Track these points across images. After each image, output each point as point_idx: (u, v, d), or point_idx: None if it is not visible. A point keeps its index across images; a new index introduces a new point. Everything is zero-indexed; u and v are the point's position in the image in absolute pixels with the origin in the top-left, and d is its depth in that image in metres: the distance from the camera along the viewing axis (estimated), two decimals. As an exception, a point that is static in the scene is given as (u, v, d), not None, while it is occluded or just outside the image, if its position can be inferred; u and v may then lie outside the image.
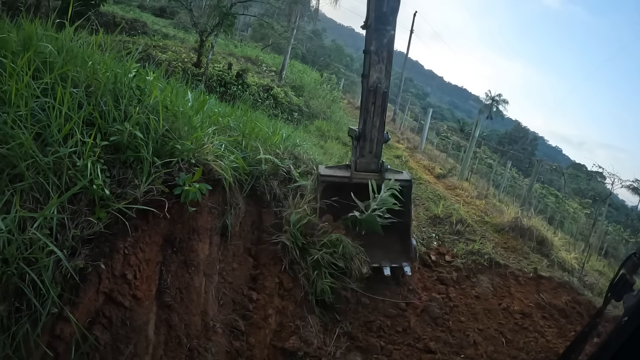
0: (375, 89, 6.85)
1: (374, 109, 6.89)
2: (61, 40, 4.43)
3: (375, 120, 6.95)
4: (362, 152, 7.07)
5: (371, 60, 6.91)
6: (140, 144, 4.09)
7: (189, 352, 4.34)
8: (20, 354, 2.74)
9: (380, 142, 7.10)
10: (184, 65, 21.21)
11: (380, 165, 7.10)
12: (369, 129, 6.98)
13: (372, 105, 6.88)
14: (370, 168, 7.09)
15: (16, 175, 3.17)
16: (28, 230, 2.96)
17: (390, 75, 7.04)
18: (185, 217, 4.50)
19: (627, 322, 1.72)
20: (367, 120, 6.95)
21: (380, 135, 7.06)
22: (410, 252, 7.43)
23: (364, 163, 7.06)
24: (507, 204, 15.14)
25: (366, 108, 6.93)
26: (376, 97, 6.86)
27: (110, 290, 3.53)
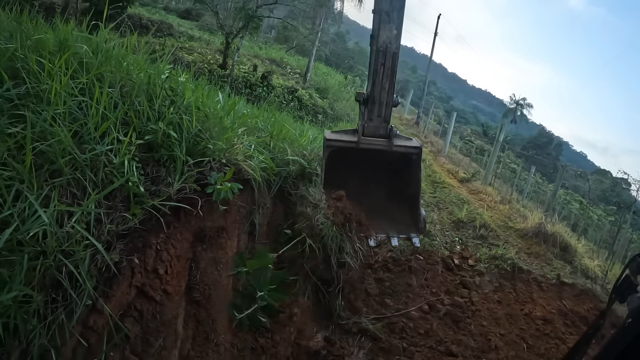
0: (385, 50, 6.41)
1: (383, 70, 6.43)
2: (96, 41, 4.55)
3: (385, 83, 6.49)
4: (370, 116, 6.63)
5: (381, 19, 6.45)
6: (174, 143, 4.20)
7: (215, 347, 4.43)
8: (55, 343, 2.82)
9: (389, 105, 6.65)
10: (210, 66, 21.41)
11: (389, 130, 6.61)
12: (377, 92, 6.53)
13: (381, 66, 6.43)
14: (378, 133, 6.62)
15: (55, 171, 3.28)
16: (67, 223, 3.06)
17: (400, 36, 6.57)
18: (215, 215, 4.59)
19: (630, 323, 1.75)
20: (376, 83, 6.50)
21: (389, 99, 6.60)
22: (419, 223, 6.89)
23: (372, 127, 6.62)
24: (531, 209, 15.04)
25: (375, 70, 6.49)
26: (385, 58, 6.40)
27: (142, 284, 3.62)
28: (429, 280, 7.91)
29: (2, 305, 2.52)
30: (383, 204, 6.82)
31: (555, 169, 34.44)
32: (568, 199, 30.47)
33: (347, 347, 5.81)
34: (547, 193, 22.07)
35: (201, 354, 4.28)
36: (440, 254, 8.93)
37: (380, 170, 7.03)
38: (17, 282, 2.60)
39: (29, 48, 3.94)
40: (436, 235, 9.93)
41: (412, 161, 6.72)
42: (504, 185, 20.52)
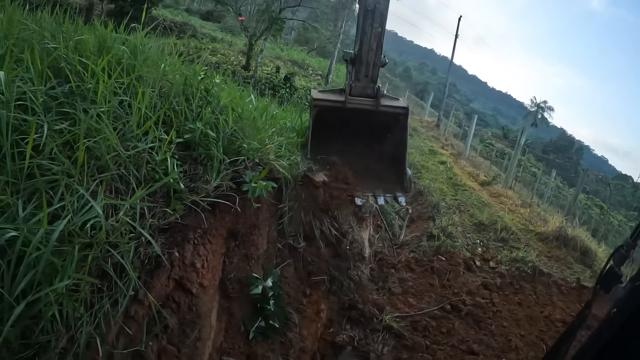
0: (373, 9, 6.18)
1: (372, 30, 6.25)
2: (133, 43, 4.71)
3: (373, 43, 6.30)
4: (357, 76, 6.45)
5: None
6: (211, 142, 4.34)
7: (246, 340, 4.57)
8: (100, 331, 2.94)
9: (377, 65, 6.48)
10: (234, 67, 21.62)
11: (376, 90, 6.46)
12: (365, 52, 6.35)
13: (369, 26, 6.24)
14: (365, 92, 6.48)
15: (100, 166, 3.43)
16: (114, 216, 3.20)
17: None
18: (248, 212, 4.72)
19: (616, 313, 1.79)
20: (363, 42, 6.31)
21: (377, 59, 6.43)
22: (405, 182, 6.79)
23: (360, 87, 6.46)
24: (551, 213, 15.03)
25: (363, 29, 6.28)
26: (374, 17, 6.19)
27: (180, 277, 3.75)
28: (451, 281, 7.99)
29: (56, 294, 2.65)
30: (369, 163, 6.83)
31: (576, 173, 34.17)
32: (589, 203, 30.28)
33: (371, 343, 5.91)
34: (567, 197, 22.01)
35: (233, 346, 4.42)
36: (462, 255, 9.01)
37: (367, 130, 6.97)
38: (69, 272, 2.73)
39: (71, 48, 4.11)
40: (458, 237, 10.01)
41: (399, 121, 6.74)
42: (524, 188, 20.47)
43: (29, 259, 2.56)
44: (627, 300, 1.84)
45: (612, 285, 2.12)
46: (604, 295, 2.26)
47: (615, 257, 2.23)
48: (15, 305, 2.46)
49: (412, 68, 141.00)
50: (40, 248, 2.60)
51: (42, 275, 2.61)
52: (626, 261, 2.26)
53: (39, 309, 2.60)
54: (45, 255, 2.57)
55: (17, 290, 2.49)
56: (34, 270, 2.57)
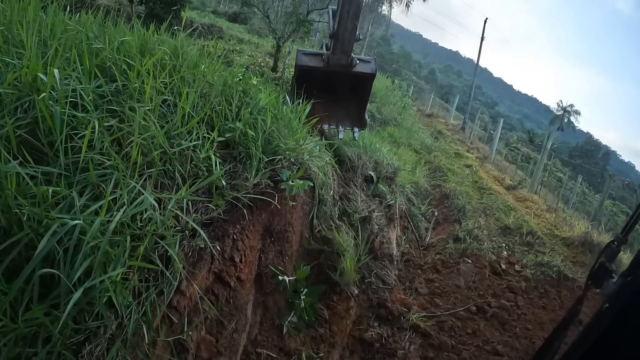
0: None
1: (348, 15, 7.34)
2: (173, 44, 4.88)
3: (349, 25, 7.45)
4: (334, 50, 7.74)
5: None
6: (250, 141, 4.49)
7: (279, 333, 4.70)
8: (147, 319, 3.07)
9: (351, 42, 7.70)
10: (261, 69, 21.76)
11: (350, 61, 7.81)
12: (342, 31, 7.53)
13: (346, 12, 7.33)
14: (340, 63, 7.84)
15: (147, 162, 3.58)
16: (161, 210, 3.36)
17: None
18: (284, 210, 4.87)
19: (607, 308, 1.82)
20: (340, 25, 7.45)
21: (352, 37, 7.62)
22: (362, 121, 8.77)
23: (336, 59, 7.79)
24: (577, 219, 14.91)
25: (340, 14, 7.39)
26: (351, 5, 7.27)
27: (219, 270, 3.89)
28: (476, 283, 8.03)
29: (110, 281, 2.80)
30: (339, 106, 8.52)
31: (602, 179, 33.77)
32: (615, 210, 29.89)
33: (399, 341, 6.02)
34: (593, 203, 21.76)
35: (267, 339, 4.56)
36: (487, 258, 9.01)
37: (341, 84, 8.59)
38: (122, 261, 2.88)
39: (115, 49, 4.29)
40: (483, 240, 10.01)
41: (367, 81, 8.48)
42: (550, 193, 20.30)
43: (86, 248, 2.68)
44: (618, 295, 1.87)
45: (604, 281, 2.13)
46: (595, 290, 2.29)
47: (606, 253, 2.26)
48: (74, 291, 2.58)
49: (437, 70, 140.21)
50: (98, 237, 2.74)
51: (97, 263, 2.74)
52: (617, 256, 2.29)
53: (93, 295, 2.72)
54: (102, 244, 2.71)
55: (75, 277, 2.60)
56: (90, 259, 2.70)
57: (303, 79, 7.86)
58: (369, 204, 7.27)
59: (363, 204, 7.03)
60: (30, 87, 3.28)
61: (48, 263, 2.64)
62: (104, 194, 2.99)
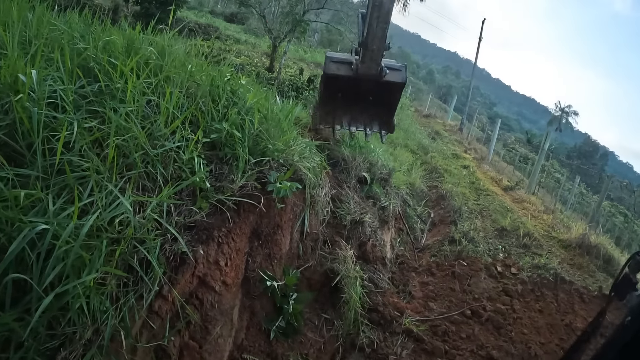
0: (380, 5, 7.07)
1: (377, 23, 7.19)
2: (161, 44, 4.79)
3: (378, 32, 7.27)
4: (363, 59, 7.53)
5: None
6: (237, 142, 4.40)
7: (267, 338, 4.61)
8: (125, 325, 2.99)
9: (381, 51, 7.50)
10: (257, 69, 21.71)
11: (380, 70, 7.62)
12: (371, 40, 7.34)
13: (375, 19, 7.17)
14: (370, 72, 7.66)
15: (128, 164, 3.49)
16: (141, 213, 3.27)
17: None
18: (272, 212, 4.78)
19: (630, 321, 1.75)
20: (370, 33, 7.28)
21: (381, 45, 7.43)
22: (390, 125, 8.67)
23: (365, 68, 7.58)
24: (574, 220, 14.86)
25: (369, 22, 7.23)
26: (380, 12, 7.11)
27: (204, 274, 3.80)
28: (471, 286, 7.95)
29: (84, 286, 2.71)
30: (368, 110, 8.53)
31: (600, 180, 33.67)
32: (612, 211, 29.83)
33: (391, 346, 5.92)
34: (591, 204, 21.71)
35: (254, 344, 4.47)
36: (483, 260, 8.94)
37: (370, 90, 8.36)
38: (96, 265, 2.78)
39: (100, 49, 4.19)
40: (480, 242, 9.95)
41: (396, 89, 8.18)
42: (548, 194, 20.25)
43: (58, 252, 2.60)
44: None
45: (627, 293, 2.11)
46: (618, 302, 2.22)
47: (630, 265, 2.19)
48: (44, 296, 2.51)
49: (435, 71, 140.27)
50: (70, 242, 2.65)
51: (70, 268, 2.66)
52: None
53: (67, 301, 2.65)
54: (74, 248, 2.62)
55: (46, 282, 2.53)
56: (62, 263, 2.62)
57: (331, 85, 8.02)
58: (362, 206, 7.18)
59: (356, 206, 6.94)
60: (10, 88, 3.19)
61: (23, 267, 2.58)
62: (84, 196, 2.91)
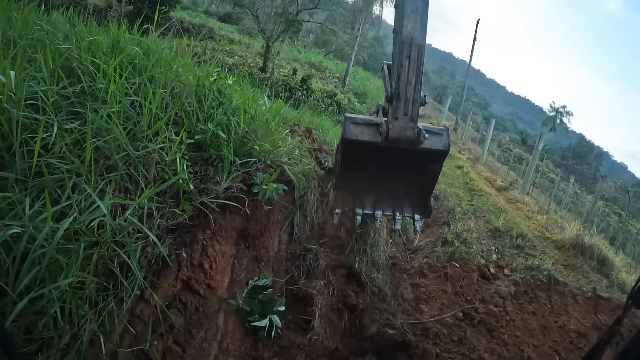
0: (410, 41, 5.62)
1: (409, 63, 5.59)
2: (147, 43, 4.73)
3: (411, 77, 5.59)
4: (395, 114, 5.63)
5: (404, 10, 5.72)
6: (222, 143, 4.35)
7: (253, 343, 4.54)
8: (104, 329, 2.95)
9: (417, 102, 5.65)
10: (250, 69, 21.68)
11: (417, 133, 5.66)
12: (403, 87, 5.61)
13: (406, 59, 5.59)
14: (405, 134, 5.66)
15: (109, 166, 3.44)
16: (121, 216, 3.21)
17: (426, 28, 5.78)
18: (259, 214, 4.73)
19: None
20: (401, 77, 5.60)
21: (417, 95, 5.66)
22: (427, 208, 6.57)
23: (398, 128, 5.66)
24: (569, 220, 14.82)
25: (400, 63, 5.62)
26: (411, 49, 5.59)
27: (188, 277, 3.76)
28: (464, 288, 7.90)
29: (59, 290, 2.65)
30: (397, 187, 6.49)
31: (595, 180, 33.79)
32: (607, 211, 29.87)
33: (381, 349, 5.88)
34: (585, 204, 21.72)
35: (240, 348, 4.40)
36: (476, 262, 8.88)
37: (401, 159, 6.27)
38: (73, 269, 2.73)
39: (84, 49, 4.13)
40: (472, 243, 9.89)
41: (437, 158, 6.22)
42: (542, 195, 20.24)
43: (33, 256, 2.57)
44: None
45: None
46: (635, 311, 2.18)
47: None
48: (18, 301, 2.48)
49: (430, 72, 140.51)
50: (45, 245, 2.61)
51: (46, 272, 2.63)
52: None
53: (42, 305, 2.62)
54: (49, 252, 2.59)
55: (20, 286, 2.50)
56: (38, 267, 2.59)
57: (351, 155, 5.91)
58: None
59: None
60: (-10, 89, 3.13)
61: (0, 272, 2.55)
62: (62, 199, 2.86)
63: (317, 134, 7.93)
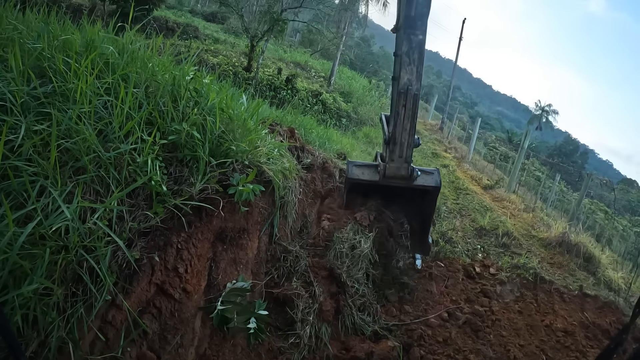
0: (405, 91, 6.74)
1: (404, 111, 6.77)
2: (122, 42, 4.63)
3: (406, 124, 6.81)
4: (391, 157, 6.97)
5: (402, 62, 6.87)
6: (197, 143, 4.26)
7: (232, 347, 4.46)
8: (73, 337, 2.86)
9: (410, 146, 6.95)
10: (235, 69, 21.57)
11: (410, 172, 7.02)
12: (399, 133, 6.85)
13: (402, 107, 6.77)
14: (399, 174, 7.01)
15: (79, 168, 3.34)
16: (89, 220, 3.12)
17: (421, 78, 6.93)
18: (237, 216, 4.65)
19: None
20: (397, 124, 6.83)
21: (410, 139, 6.92)
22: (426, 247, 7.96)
23: (394, 168, 6.98)
24: (555, 218, 14.85)
25: (396, 111, 6.84)
26: (407, 99, 6.73)
27: (162, 282, 3.66)
28: (449, 288, 7.86)
29: (23, 297, 2.57)
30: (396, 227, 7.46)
31: (581, 178, 33.93)
32: (593, 208, 29.98)
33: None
34: (571, 202, 21.78)
35: (218, 354, 4.31)
36: (461, 261, 8.86)
37: (398, 197, 7.61)
38: (38, 275, 2.65)
39: (56, 48, 4.04)
40: (458, 243, 9.87)
41: (431, 195, 7.42)
42: (528, 193, 20.31)
43: (-7, 262, 2.47)
44: None
45: None
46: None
47: None
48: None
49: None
50: (8, 251, 2.53)
51: (10, 278, 2.56)
52: None
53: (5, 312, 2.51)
54: (11, 257, 2.50)
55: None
56: (0, 273, 2.50)
57: (354, 194, 7.41)
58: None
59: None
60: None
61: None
62: (28, 202, 2.78)
63: (300, 134, 7.88)
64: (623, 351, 2.22)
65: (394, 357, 5.68)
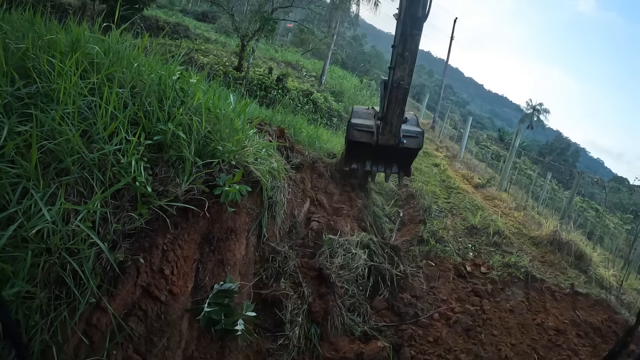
0: (398, 85, 8.13)
1: (396, 100, 8.30)
2: (108, 42, 4.59)
3: (396, 109, 8.39)
4: (383, 132, 8.66)
5: (397, 60, 8.15)
6: (183, 144, 4.23)
7: (220, 350, 4.41)
8: (57, 340, 2.83)
9: (399, 124, 8.64)
10: (225, 68, 21.50)
11: (397, 141, 8.77)
12: (390, 115, 8.47)
13: (394, 97, 8.26)
14: (389, 143, 8.80)
15: (62, 169, 3.30)
16: (72, 222, 3.08)
17: (412, 73, 8.30)
18: (224, 217, 4.61)
19: None
20: (389, 108, 8.40)
21: (399, 120, 8.58)
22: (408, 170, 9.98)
23: (385, 139, 8.74)
24: (546, 216, 14.85)
25: (389, 99, 8.33)
26: (399, 91, 8.19)
27: (147, 284, 3.63)
28: (440, 287, 7.83)
29: (5, 301, 2.53)
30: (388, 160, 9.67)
31: (572, 176, 34.04)
32: (584, 206, 30.12)
33: (357, 352, 5.76)
34: (562, 200, 21.84)
35: (205, 356, 4.27)
36: (452, 260, 8.83)
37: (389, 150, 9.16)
38: (20, 278, 2.62)
39: (41, 48, 3.99)
40: (449, 242, 9.84)
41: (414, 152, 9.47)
42: (520, 191, 20.35)
43: (-27, 265, 2.43)
44: None
45: None
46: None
47: None
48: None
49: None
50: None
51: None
52: None
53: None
54: (-10, 260, 2.45)
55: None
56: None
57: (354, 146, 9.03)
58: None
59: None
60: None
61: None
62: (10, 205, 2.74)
63: (290, 133, 7.88)
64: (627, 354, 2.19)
65: (384, 357, 5.63)
